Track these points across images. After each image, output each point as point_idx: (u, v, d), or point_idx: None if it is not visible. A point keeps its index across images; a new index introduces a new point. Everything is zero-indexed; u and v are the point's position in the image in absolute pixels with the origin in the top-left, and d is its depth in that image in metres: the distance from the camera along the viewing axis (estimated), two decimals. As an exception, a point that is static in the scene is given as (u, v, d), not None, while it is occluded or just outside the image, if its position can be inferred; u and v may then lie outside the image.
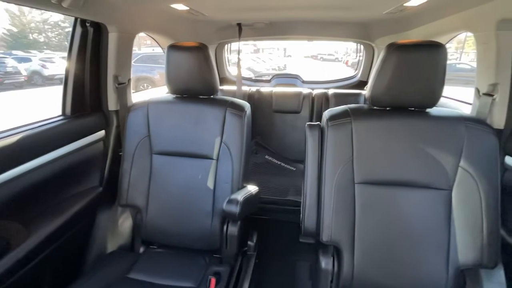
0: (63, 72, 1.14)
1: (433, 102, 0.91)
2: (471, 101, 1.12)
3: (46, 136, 1.01)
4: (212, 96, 1.23)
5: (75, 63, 1.12)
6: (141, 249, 1.20)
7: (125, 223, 1.31)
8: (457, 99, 1.43)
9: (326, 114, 1.02)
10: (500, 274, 0.92)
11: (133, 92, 1.37)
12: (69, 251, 1.08)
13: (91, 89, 1.18)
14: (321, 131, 1.01)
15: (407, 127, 0.93)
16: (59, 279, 1.02)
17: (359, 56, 2.33)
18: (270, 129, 1.97)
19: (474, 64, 1.10)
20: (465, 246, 0.86)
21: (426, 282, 0.88)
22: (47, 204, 1.02)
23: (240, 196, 1.02)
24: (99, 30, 1.16)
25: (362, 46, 2.20)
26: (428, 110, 0.96)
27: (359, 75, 2.26)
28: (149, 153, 1.19)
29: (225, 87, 2.07)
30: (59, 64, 7.13)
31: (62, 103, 1.13)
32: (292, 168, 1.84)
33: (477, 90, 1.03)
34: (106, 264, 1.06)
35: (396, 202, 0.92)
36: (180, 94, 1.22)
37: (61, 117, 1.10)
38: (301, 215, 1.03)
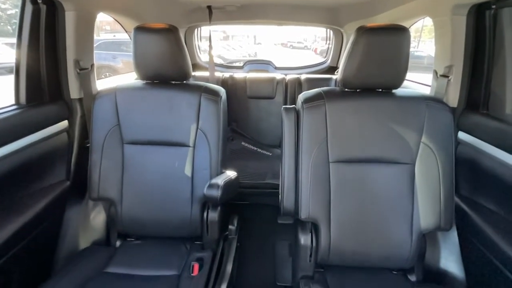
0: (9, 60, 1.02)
1: (398, 83, 0.98)
2: (429, 84, 1.22)
3: None
4: (185, 82, 1.19)
5: (27, 47, 1.00)
6: (118, 243, 1.16)
7: (98, 217, 1.24)
8: (417, 81, 1.54)
9: (301, 97, 1.05)
10: (454, 235, 1.04)
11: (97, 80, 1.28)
12: (39, 249, 1.01)
13: (48, 75, 1.08)
14: (297, 114, 1.03)
15: (375, 107, 0.99)
16: (28, 279, 0.95)
17: (328, 44, 2.39)
18: (245, 116, 1.97)
19: (430, 52, 1.19)
20: (426, 213, 0.96)
21: (394, 247, 0.97)
22: (8, 201, 0.93)
23: (220, 180, 1.02)
24: (54, 8, 1.05)
25: (331, 33, 2.25)
26: (393, 91, 1.03)
27: (329, 61, 2.33)
28: (120, 143, 1.13)
29: (197, 73, 2.01)
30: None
31: (15, 91, 1.01)
32: (268, 153, 1.88)
33: (435, 72, 1.12)
34: (80, 260, 1.01)
35: (367, 178, 0.99)
36: (150, 80, 1.17)
37: (14, 107, 0.99)
38: (279, 196, 1.06)
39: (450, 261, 1.05)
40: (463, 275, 1.01)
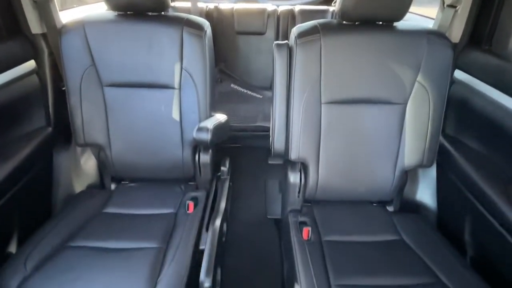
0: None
1: (401, 15, 0.89)
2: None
3: None
4: (163, 13, 1.04)
5: None
6: (113, 186, 1.18)
7: (89, 162, 1.24)
8: (420, 14, 1.42)
9: (294, 30, 0.95)
10: (433, 171, 1.11)
11: (60, 11, 1.10)
12: (35, 193, 1.02)
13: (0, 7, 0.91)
14: (289, 50, 0.95)
15: (374, 42, 0.92)
16: (29, 220, 0.99)
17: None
18: (234, 54, 1.83)
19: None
20: (411, 151, 0.99)
21: (377, 183, 1.03)
22: None
23: (209, 123, 0.99)
24: None
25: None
26: (395, 24, 0.95)
27: (337, 2, 2.08)
28: (99, 86, 1.05)
29: (176, 3, 1.77)
30: None
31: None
32: (259, 95, 1.82)
33: (442, 2, 1.02)
34: (78, 202, 1.04)
35: (358, 118, 0.98)
36: (123, 11, 1.02)
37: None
38: (270, 138, 1.06)
39: (426, 194, 1.15)
40: (436, 205, 1.11)
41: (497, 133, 0.87)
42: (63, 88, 1.06)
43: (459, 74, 1.02)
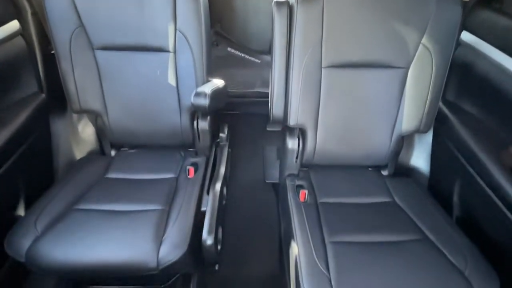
0: None
1: None
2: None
3: None
4: None
5: None
6: (113, 153, 1.19)
7: (87, 129, 1.24)
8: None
9: None
10: (429, 137, 1.12)
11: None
12: (35, 160, 1.04)
13: None
14: (290, 10, 0.90)
15: (380, 3, 0.87)
16: (33, 185, 1.01)
17: None
18: (230, 15, 1.72)
19: None
20: (409, 116, 0.99)
21: (374, 148, 1.05)
22: None
23: (207, 88, 0.97)
24: None
25: None
26: None
27: None
28: (90, 49, 1.01)
29: None
30: None
31: None
32: (257, 60, 1.75)
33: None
34: (80, 168, 1.06)
35: (359, 83, 0.97)
36: None
37: None
38: (269, 104, 1.05)
39: (420, 159, 1.18)
40: (428, 169, 1.15)
41: (498, 99, 0.86)
42: (53, 52, 1.01)
43: (465, 36, 0.98)
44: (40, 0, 0.94)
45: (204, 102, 0.93)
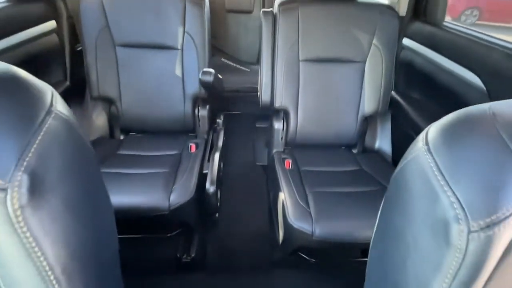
0: None
1: None
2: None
3: None
4: None
5: None
6: (122, 137, 1.36)
7: (101, 115, 1.41)
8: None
9: (277, 1, 1.18)
10: (388, 120, 1.39)
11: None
12: None
13: None
14: (274, 17, 1.18)
15: (340, 12, 1.17)
16: None
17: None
18: (224, 32, 2.03)
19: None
20: (369, 101, 1.26)
21: (344, 128, 1.29)
22: None
23: (211, 70, 1.20)
24: None
25: None
26: None
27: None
28: (112, 45, 1.23)
29: None
30: None
31: (1, -18, 1.02)
32: (247, 69, 2.03)
33: (393, -18, 1.29)
34: (93, 146, 1.21)
35: (328, 74, 1.23)
36: None
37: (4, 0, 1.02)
38: (258, 91, 1.29)
39: (383, 139, 1.43)
40: (391, 148, 1.40)
41: (434, 85, 1.15)
42: (78, 49, 1.23)
43: (406, 41, 1.30)
44: (75, 5, 1.17)
45: (210, 78, 1.15)
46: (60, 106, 0.31)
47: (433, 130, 0.32)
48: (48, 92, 0.30)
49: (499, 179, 0.26)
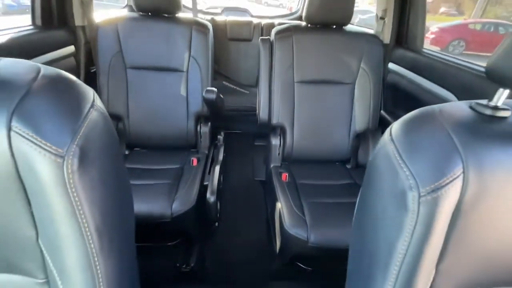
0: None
1: (347, 20, 1.29)
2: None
3: (18, 44, 1.07)
4: (176, 16, 1.39)
5: None
6: (127, 152, 1.43)
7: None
8: (365, 26, 1.89)
9: (273, 30, 1.33)
10: (379, 136, 1.47)
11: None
12: None
13: (58, 2, 1.22)
14: (271, 43, 1.32)
15: (330, 39, 1.31)
16: None
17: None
18: (226, 57, 2.19)
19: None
20: (360, 119, 1.36)
21: (337, 145, 1.37)
22: None
23: (214, 88, 1.30)
24: None
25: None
26: (344, 28, 1.35)
27: (299, 11, 2.56)
28: (124, 68, 1.35)
29: (181, 15, 2.14)
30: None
31: (31, 13, 1.16)
32: (246, 91, 2.16)
33: (377, 15, 1.45)
34: None
35: (321, 94, 1.34)
36: (145, 12, 1.35)
37: (31, 27, 1.15)
38: (257, 110, 1.39)
39: (374, 155, 1.51)
40: None
41: (416, 103, 1.25)
42: (92, 70, 1.35)
43: (392, 66, 1.44)
44: (92, 32, 1.31)
45: (213, 96, 1.25)
46: (99, 102, 0.39)
47: (396, 125, 0.41)
48: (91, 91, 0.39)
49: (442, 156, 0.33)
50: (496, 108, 0.36)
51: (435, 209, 0.32)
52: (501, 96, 0.36)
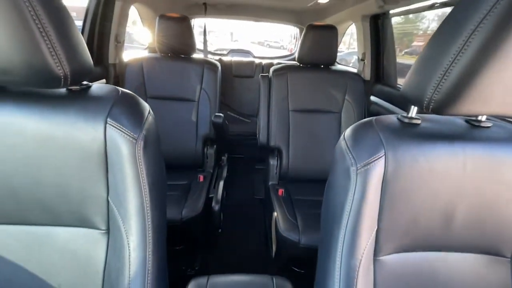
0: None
1: (332, 61, 1.56)
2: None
3: None
4: (191, 56, 1.67)
5: (89, 23, 1.42)
6: None
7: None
8: (349, 66, 2.18)
9: (272, 69, 1.59)
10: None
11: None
12: None
13: (97, 44, 1.51)
14: (269, 79, 1.58)
15: (319, 76, 1.57)
16: None
17: (296, 41, 2.97)
18: (231, 91, 2.48)
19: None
20: None
21: (327, 165, 1.54)
22: None
23: (221, 114, 1.52)
24: (109, 1, 1.49)
25: (298, 33, 2.84)
26: (331, 67, 1.62)
27: (296, 53, 2.92)
28: (145, 97, 1.59)
29: (194, 56, 2.48)
30: None
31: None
32: (248, 120, 2.41)
33: (358, 57, 1.74)
34: None
35: (312, 121, 1.56)
36: (166, 53, 1.63)
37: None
38: (257, 134, 1.60)
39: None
40: None
41: None
42: None
43: (373, 98, 1.68)
44: (121, 69, 1.58)
45: (220, 120, 1.46)
46: (151, 111, 0.59)
47: (347, 130, 0.61)
48: (147, 105, 0.59)
49: (372, 145, 0.52)
50: (410, 118, 0.55)
51: (367, 178, 0.50)
52: (412, 111, 0.56)
